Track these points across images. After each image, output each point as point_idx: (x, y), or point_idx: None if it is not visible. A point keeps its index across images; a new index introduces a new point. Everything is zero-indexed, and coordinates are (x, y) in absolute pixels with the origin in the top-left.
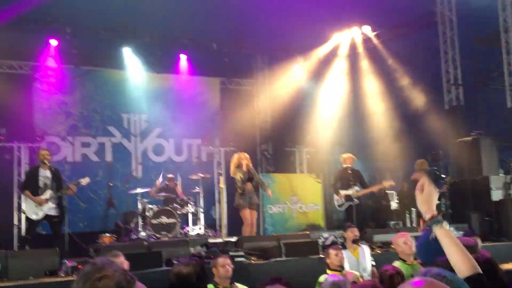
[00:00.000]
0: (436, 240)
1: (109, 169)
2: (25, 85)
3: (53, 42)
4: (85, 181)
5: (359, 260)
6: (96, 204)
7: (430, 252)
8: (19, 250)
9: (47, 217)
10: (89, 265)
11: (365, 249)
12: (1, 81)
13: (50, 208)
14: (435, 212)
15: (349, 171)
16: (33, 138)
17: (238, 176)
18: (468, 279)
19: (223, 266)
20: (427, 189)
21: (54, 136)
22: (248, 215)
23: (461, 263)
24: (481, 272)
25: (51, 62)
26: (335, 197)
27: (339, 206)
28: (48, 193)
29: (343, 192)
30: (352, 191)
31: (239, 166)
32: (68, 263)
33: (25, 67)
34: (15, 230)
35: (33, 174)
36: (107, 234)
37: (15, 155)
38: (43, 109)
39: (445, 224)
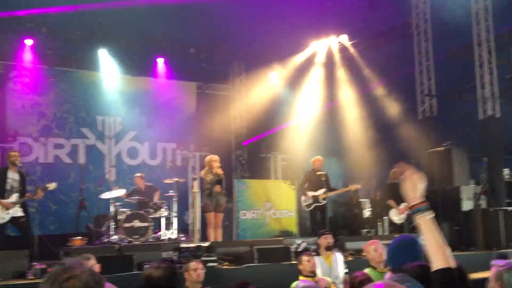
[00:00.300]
0: (405, 247)
1: (81, 171)
2: None
3: (28, 42)
4: (52, 186)
5: (332, 266)
6: (67, 206)
7: (399, 259)
8: None
9: (13, 219)
10: (57, 265)
11: (339, 256)
12: None
13: (15, 211)
14: (420, 200)
15: (317, 174)
16: (4, 138)
17: (209, 178)
18: (439, 271)
19: (195, 270)
20: (414, 176)
21: (26, 136)
22: (212, 217)
23: (436, 254)
24: (454, 267)
25: (25, 62)
26: (303, 197)
27: (307, 206)
28: (14, 196)
29: (310, 193)
30: (320, 192)
31: (210, 168)
32: (38, 265)
33: None
34: None
35: (0, 176)
36: (78, 237)
37: None
38: (16, 109)
39: (429, 214)
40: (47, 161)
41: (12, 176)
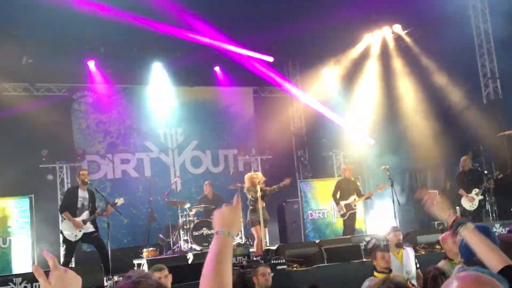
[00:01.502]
0: None
1: (148, 184)
2: (63, 107)
3: (90, 63)
4: (120, 201)
5: (403, 263)
6: (138, 219)
7: (470, 251)
8: None
9: (85, 235)
10: (124, 279)
11: (409, 252)
12: (41, 105)
13: (87, 228)
14: (456, 215)
15: (347, 182)
16: (73, 157)
17: (251, 195)
18: (501, 271)
19: (263, 275)
20: (437, 199)
21: (94, 154)
22: (258, 230)
23: (491, 258)
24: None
25: (87, 83)
26: (336, 207)
27: (342, 216)
28: (85, 214)
29: (343, 203)
30: (351, 199)
31: (252, 185)
32: (114, 279)
33: (63, 89)
34: (61, 249)
35: (72, 195)
36: (150, 248)
37: (57, 175)
38: (82, 129)
39: (469, 225)
40: (115, 177)
41: (83, 195)
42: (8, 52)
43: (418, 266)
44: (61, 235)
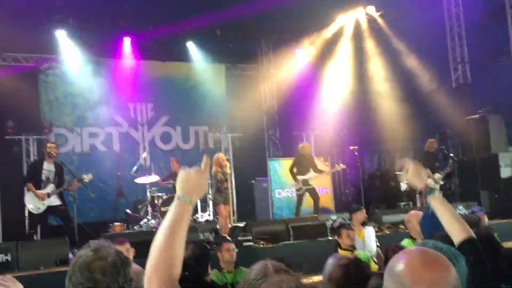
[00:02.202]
0: (434, 216)
1: (117, 159)
2: (31, 78)
3: (59, 33)
4: (88, 177)
5: (365, 242)
6: (105, 194)
7: (431, 227)
8: (29, 241)
9: (50, 208)
10: (84, 247)
11: (370, 231)
12: (7, 75)
13: (51, 201)
14: (426, 182)
15: (305, 158)
16: (40, 130)
17: (219, 176)
18: (462, 243)
19: (228, 250)
20: (412, 165)
21: (62, 127)
22: (223, 209)
23: (455, 228)
24: (474, 236)
25: (57, 54)
26: (293, 182)
27: (297, 190)
28: (50, 187)
29: (300, 177)
30: (308, 175)
31: (220, 166)
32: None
33: (31, 60)
34: (26, 222)
35: (36, 167)
36: (117, 223)
37: (23, 148)
38: (49, 101)
39: (438, 192)
40: (83, 151)
41: (48, 167)
42: None
43: (378, 245)
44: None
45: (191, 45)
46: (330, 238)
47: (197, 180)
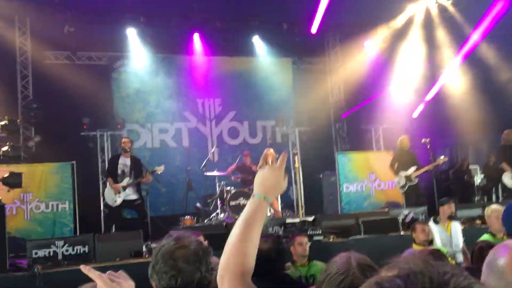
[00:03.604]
0: None
1: (186, 153)
2: (104, 76)
3: (130, 32)
4: (160, 169)
5: (452, 235)
6: (176, 188)
7: None
8: (106, 234)
9: (127, 202)
10: (166, 237)
11: (457, 225)
12: (81, 73)
13: (127, 195)
14: None
15: (405, 153)
16: (114, 126)
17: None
18: None
19: (301, 244)
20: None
21: (134, 123)
22: (273, 203)
23: None
24: None
25: (128, 52)
26: (396, 178)
27: (402, 187)
28: (125, 181)
29: (402, 173)
30: (411, 171)
31: (265, 161)
32: (152, 245)
33: (104, 58)
34: (102, 215)
35: (113, 162)
36: (188, 217)
37: (98, 143)
38: (122, 98)
39: None
40: (154, 146)
41: (124, 162)
42: (50, 21)
43: (463, 240)
44: (102, 201)
45: (257, 40)
46: (402, 233)
47: (273, 178)
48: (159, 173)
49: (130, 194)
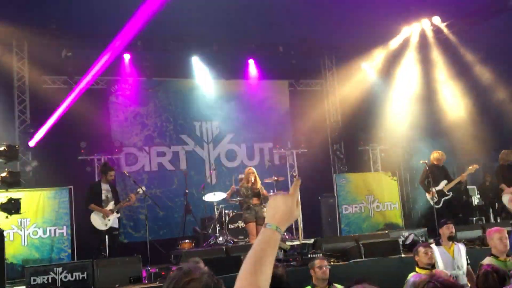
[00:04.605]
0: None
1: (184, 177)
2: (102, 100)
3: (126, 56)
4: (141, 189)
5: (455, 257)
6: (173, 211)
7: None
8: (104, 259)
9: (109, 229)
10: (176, 270)
11: (461, 247)
12: (79, 98)
13: (114, 218)
14: None
15: (436, 168)
16: (112, 150)
17: (242, 190)
18: None
19: (320, 267)
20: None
21: (132, 147)
22: (253, 228)
23: None
24: None
25: (124, 76)
26: (427, 196)
27: (436, 203)
28: (110, 205)
29: (434, 189)
30: (442, 185)
31: (247, 180)
32: (151, 270)
33: (101, 82)
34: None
35: (97, 188)
36: (187, 241)
37: (95, 167)
38: (119, 122)
39: None
40: (152, 169)
41: (106, 188)
42: (48, 46)
43: (469, 262)
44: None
45: (252, 63)
46: (403, 255)
47: (285, 207)
48: (140, 193)
49: (115, 222)
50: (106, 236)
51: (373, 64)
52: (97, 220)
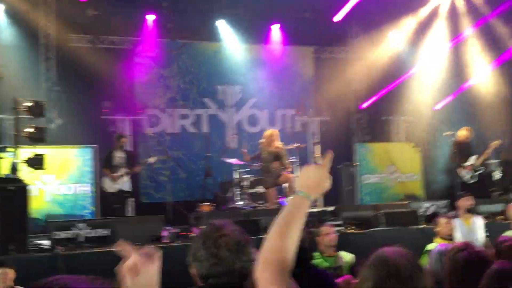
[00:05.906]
0: None
1: (206, 140)
2: (125, 60)
3: (150, 17)
4: (153, 159)
5: (471, 229)
6: (195, 174)
7: None
8: (126, 217)
9: (120, 191)
10: (208, 225)
11: (478, 220)
12: (103, 57)
13: (124, 182)
14: None
15: (464, 144)
16: (134, 111)
17: (263, 154)
18: None
19: (328, 234)
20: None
21: (154, 108)
22: (272, 194)
23: None
24: None
25: (148, 37)
26: (461, 172)
27: (471, 177)
28: (121, 170)
29: (467, 164)
30: (473, 160)
31: (269, 144)
32: (171, 230)
33: (126, 43)
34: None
35: (109, 156)
36: (206, 203)
37: (118, 127)
38: (143, 83)
39: None
40: (174, 131)
41: (119, 155)
42: (73, 4)
43: (488, 234)
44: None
45: (278, 28)
46: (421, 226)
47: (317, 177)
48: (152, 162)
49: (125, 183)
50: (118, 198)
51: (401, 33)
52: (107, 183)
